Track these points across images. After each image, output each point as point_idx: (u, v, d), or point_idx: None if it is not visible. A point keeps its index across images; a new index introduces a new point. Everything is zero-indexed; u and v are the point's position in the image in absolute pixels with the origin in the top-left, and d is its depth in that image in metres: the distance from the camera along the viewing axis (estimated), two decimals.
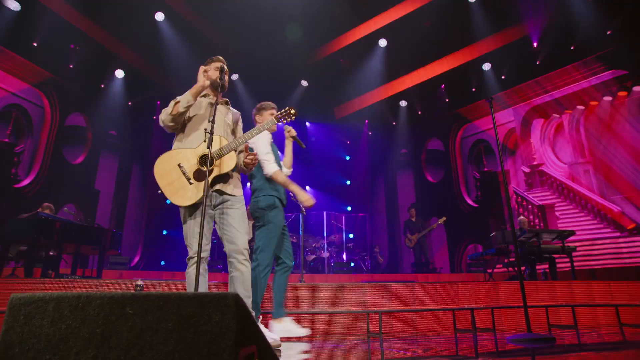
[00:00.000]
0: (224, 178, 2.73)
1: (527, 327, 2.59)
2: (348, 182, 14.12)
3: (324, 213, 11.32)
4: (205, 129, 2.51)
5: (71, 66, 10.12)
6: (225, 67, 2.91)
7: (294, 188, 3.29)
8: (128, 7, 9.44)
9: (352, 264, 11.04)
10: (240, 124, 3.13)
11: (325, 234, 10.92)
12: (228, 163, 2.64)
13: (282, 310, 3.24)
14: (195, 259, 2.66)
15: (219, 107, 2.97)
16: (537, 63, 10.64)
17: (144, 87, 11.26)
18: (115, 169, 11.35)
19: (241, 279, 2.63)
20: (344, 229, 11.27)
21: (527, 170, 10.48)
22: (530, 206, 10.26)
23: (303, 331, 3.21)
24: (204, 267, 2.74)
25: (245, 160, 2.75)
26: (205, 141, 2.49)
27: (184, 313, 0.84)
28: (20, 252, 5.89)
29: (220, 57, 3.03)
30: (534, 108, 10.68)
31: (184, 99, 2.73)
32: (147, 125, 11.97)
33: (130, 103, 11.34)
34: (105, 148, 11.16)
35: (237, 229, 2.68)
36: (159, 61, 10.64)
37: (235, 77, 12.40)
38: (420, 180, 12.59)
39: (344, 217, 11.55)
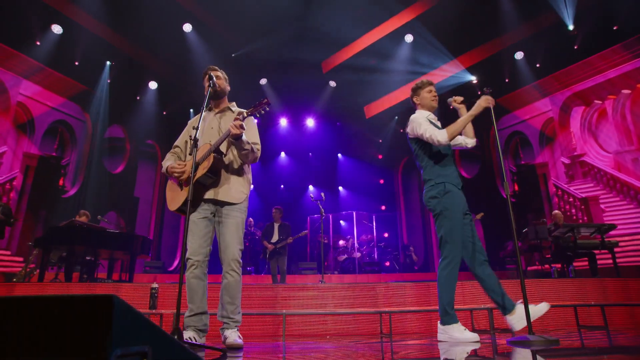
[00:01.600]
0: (214, 183, 2.78)
1: (528, 328, 2.46)
2: (381, 181, 13.95)
3: (354, 213, 11.25)
4: (190, 136, 2.59)
5: (109, 81, 10.71)
6: (212, 73, 2.95)
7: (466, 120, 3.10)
8: (157, 21, 9.83)
9: (388, 263, 10.95)
10: (247, 124, 2.99)
11: (355, 234, 10.85)
12: (205, 165, 2.71)
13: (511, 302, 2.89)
14: (190, 261, 2.75)
15: (212, 114, 3.05)
16: (575, 48, 10.04)
17: (176, 96, 11.69)
18: (153, 177, 11.88)
19: (227, 287, 2.77)
20: (374, 228, 11.15)
21: (567, 161, 9.90)
22: (571, 199, 9.68)
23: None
24: (202, 270, 2.81)
25: (230, 127, 2.68)
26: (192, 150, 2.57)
27: (62, 315, 0.87)
28: (62, 257, 6.31)
29: (210, 67, 3.06)
30: (573, 95, 10.09)
31: (164, 169, 2.98)
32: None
33: (164, 112, 11.82)
34: (142, 157, 11.70)
35: (228, 241, 2.79)
36: (189, 70, 11.00)
37: (263, 81, 12.61)
38: None
39: (374, 217, 11.42)
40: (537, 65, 10.51)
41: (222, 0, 9.88)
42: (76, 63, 10.12)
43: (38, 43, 9.62)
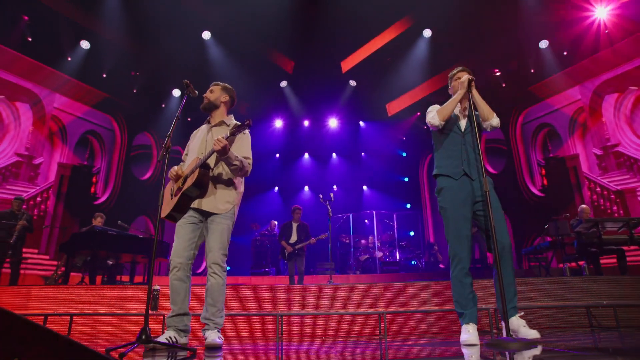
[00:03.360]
0: (201, 195, 2.92)
1: (506, 329, 2.35)
2: (406, 179, 13.74)
3: (374, 212, 11.14)
4: (164, 145, 2.70)
5: (135, 90, 11.17)
6: (186, 82, 3.10)
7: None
8: (176, 30, 10.15)
9: (413, 262, 10.78)
10: (238, 142, 3.08)
11: (375, 233, 10.74)
12: (191, 178, 2.88)
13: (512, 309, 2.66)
14: (173, 263, 2.86)
15: (204, 128, 3.23)
16: (606, 32, 9.50)
17: (199, 102, 11.98)
18: None
19: (209, 290, 2.87)
20: (395, 227, 10.99)
21: (599, 152, 9.37)
22: (605, 192, 9.15)
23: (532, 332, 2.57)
24: (184, 273, 2.89)
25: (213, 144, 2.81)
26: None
27: None
28: (86, 262, 6.65)
29: (213, 83, 3.31)
30: (604, 82, 9.53)
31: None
32: None
33: (189, 119, 12.17)
34: (170, 163, 12.06)
35: (211, 245, 2.90)
36: (210, 76, 11.25)
37: (284, 84, 12.73)
38: None
39: (395, 216, 11.26)
40: (564, 53, 10.02)
41: (238, 5, 10.06)
42: (104, 75, 10.64)
43: (69, 59, 10.18)
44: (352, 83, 12.80)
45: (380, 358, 2.26)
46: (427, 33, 10.95)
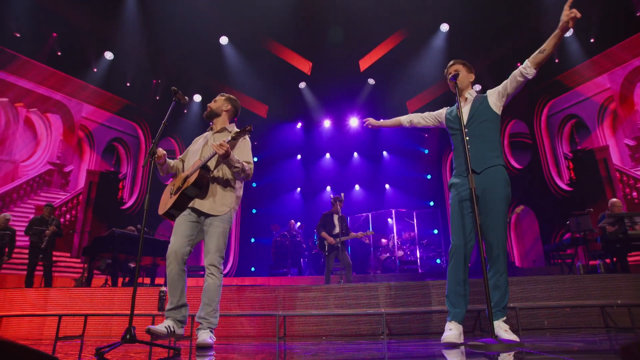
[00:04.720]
0: (200, 195, 3.01)
1: (491, 330, 2.26)
2: (429, 177, 13.49)
3: (393, 211, 11.00)
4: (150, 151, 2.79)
5: (157, 97, 11.52)
6: (174, 89, 3.19)
7: None
8: (194, 36, 10.39)
9: (438, 261, 10.60)
10: (239, 147, 3.17)
11: (395, 232, 10.60)
12: (191, 178, 2.95)
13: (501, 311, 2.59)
14: (170, 258, 2.95)
15: (206, 135, 3.37)
16: (638, 15, 9.01)
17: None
18: None
19: (206, 290, 2.97)
20: (415, 225, 10.81)
21: (631, 143, 8.86)
22: (638, 185, 8.65)
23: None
24: (181, 267, 3.00)
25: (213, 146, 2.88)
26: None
27: None
28: (108, 264, 6.91)
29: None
30: (637, 69, 9.01)
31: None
32: None
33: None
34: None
35: (209, 248, 3.00)
36: (228, 81, 11.47)
37: (302, 85, 12.78)
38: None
39: (414, 214, 11.08)
40: (592, 40, 9.55)
41: (253, 10, 10.18)
42: (127, 84, 11.05)
43: (95, 70, 10.63)
44: (371, 81, 12.70)
45: (373, 358, 2.24)
46: (444, 27, 10.72)
